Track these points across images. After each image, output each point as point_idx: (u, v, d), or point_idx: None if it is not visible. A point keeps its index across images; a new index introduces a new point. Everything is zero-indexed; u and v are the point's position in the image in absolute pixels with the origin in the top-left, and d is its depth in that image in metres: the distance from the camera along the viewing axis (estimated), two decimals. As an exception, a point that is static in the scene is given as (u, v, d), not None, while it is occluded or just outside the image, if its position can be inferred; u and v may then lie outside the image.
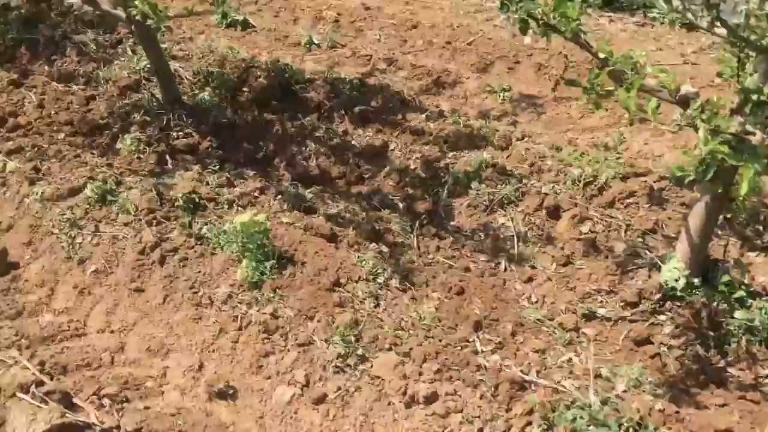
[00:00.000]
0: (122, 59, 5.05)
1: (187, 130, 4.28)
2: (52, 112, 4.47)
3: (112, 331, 3.03)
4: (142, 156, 4.13)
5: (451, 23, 5.94)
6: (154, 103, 4.40)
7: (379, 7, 6.31)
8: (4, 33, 5.34)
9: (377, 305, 3.01)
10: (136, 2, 3.55)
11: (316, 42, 5.67)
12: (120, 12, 4.02)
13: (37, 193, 3.63)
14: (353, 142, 4.23)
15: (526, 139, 4.28)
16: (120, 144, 4.23)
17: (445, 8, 6.40)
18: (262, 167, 4.16)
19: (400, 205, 3.88)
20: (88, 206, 3.55)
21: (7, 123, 4.24)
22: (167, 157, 4.14)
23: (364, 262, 3.24)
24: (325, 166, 4.13)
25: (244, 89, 4.76)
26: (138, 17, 3.64)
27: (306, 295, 3.01)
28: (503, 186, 3.79)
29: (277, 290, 3.06)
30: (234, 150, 4.26)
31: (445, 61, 5.40)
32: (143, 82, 4.85)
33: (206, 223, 3.48)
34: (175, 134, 4.25)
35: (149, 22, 3.52)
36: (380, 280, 3.13)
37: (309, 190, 3.87)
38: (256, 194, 3.76)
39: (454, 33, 5.74)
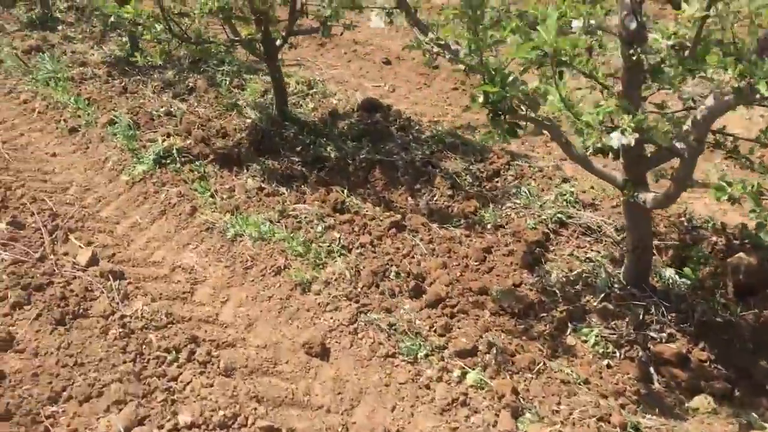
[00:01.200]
0: (515, 200, 3.97)
1: (669, 330, 3.02)
2: (457, 273, 3.42)
3: None
4: (611, 363, 2.91)
5: None
6: (615, 283, 3.20)
7: None
8: (356, 151, 4.51)
9: None
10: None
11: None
12: (617, 175, 2.91)
13: (528, 434, 2.46)
14: None
15: None
16: (572, 338, 3.05)
17: None
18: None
19: None
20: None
21: (424, 293, 3.20)
22: (651, 369, 2.89)
23: None
24: None
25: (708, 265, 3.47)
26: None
27: None
28: None
29: None
30: (739, 368, 2.92)
31: None
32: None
33: None
34: (654, 334, 3.00)
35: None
36: None
37: None
38: None
39: None
